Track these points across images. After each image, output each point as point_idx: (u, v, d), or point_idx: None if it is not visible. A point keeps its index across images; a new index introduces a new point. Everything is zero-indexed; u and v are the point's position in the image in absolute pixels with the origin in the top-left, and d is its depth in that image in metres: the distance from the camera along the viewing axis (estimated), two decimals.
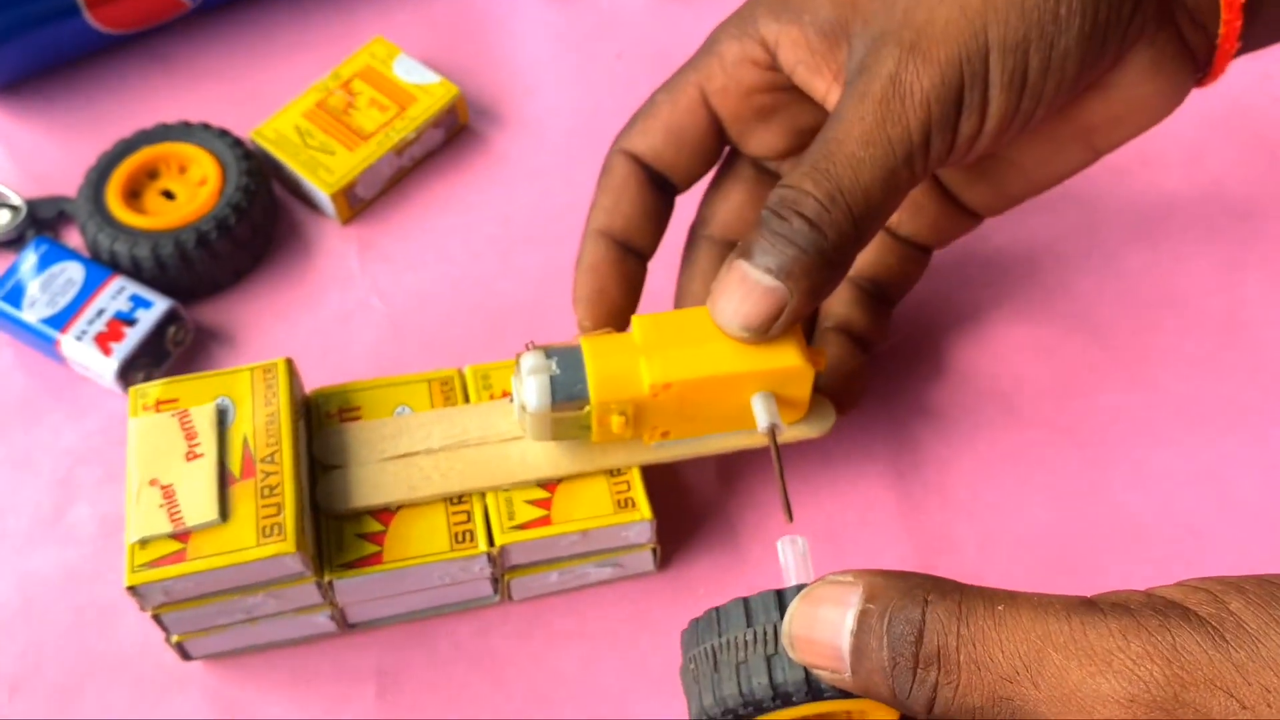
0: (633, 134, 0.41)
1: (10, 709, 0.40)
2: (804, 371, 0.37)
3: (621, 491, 0.40)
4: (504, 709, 0.40)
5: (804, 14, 0.37)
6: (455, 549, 0.39)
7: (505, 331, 0.48)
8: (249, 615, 0.39)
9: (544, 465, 0.40)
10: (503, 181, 0.53)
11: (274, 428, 0.39)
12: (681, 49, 0.57)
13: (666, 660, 0.41)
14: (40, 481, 0.45)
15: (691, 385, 0.37)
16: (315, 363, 0.48)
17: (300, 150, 0.51)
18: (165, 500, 0.37)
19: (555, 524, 0.39)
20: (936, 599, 0.26)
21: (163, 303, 0.46)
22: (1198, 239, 0.49)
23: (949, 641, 0.26)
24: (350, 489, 0.39)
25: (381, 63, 0.54)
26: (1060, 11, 0.33)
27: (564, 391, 0.37)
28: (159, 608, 0.37)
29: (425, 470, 0.40)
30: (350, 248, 0.51)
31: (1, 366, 0.48)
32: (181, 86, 0.56)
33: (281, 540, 0.36)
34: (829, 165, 0.34)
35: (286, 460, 0.38)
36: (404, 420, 0.41)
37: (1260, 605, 0.24)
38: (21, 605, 0.42)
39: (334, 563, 0.38)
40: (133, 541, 0.36)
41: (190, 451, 0.38)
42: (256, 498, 0.37)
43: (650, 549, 0.41)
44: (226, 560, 0.36)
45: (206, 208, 0.48)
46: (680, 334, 0.37)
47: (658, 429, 0.39)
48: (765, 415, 0.37)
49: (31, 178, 0.53)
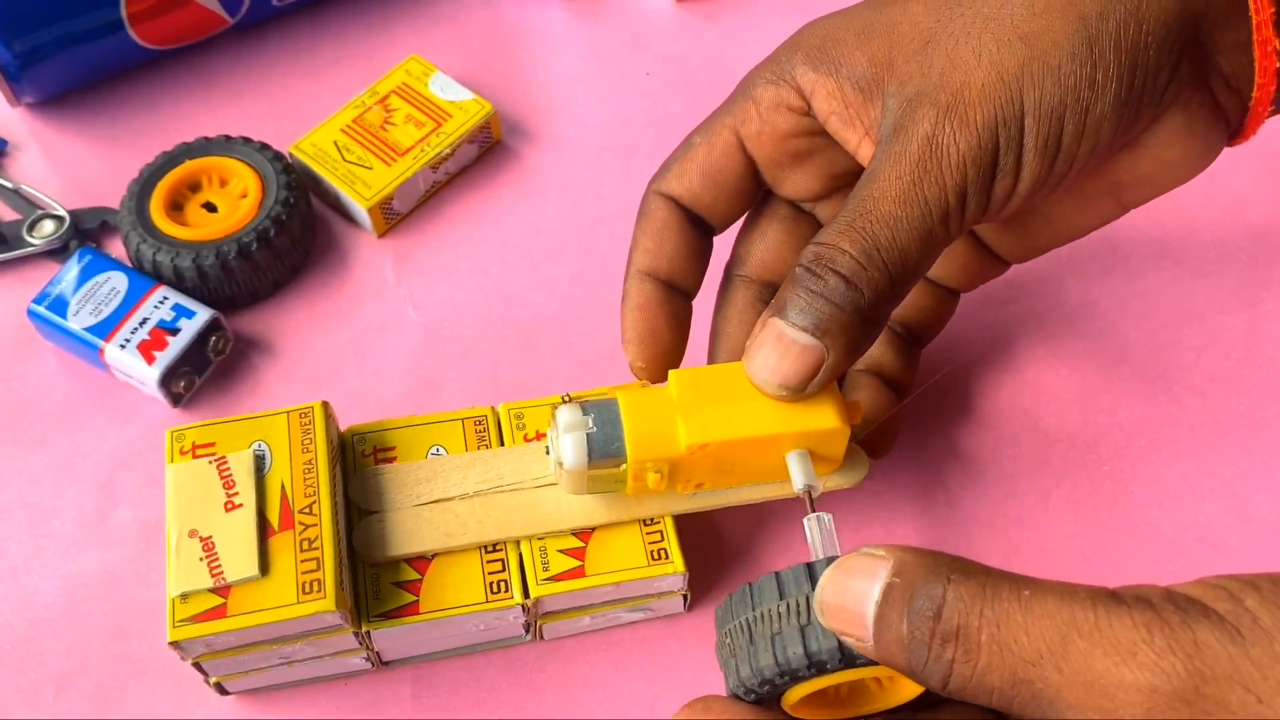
0: (669, 176, 0.41)
1: (55, 708, 0.41)
2: (842, 432, 0.37)
3: (655, 542, 0.40)
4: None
5: (841, 66, 0.37)
6: (491, 600, 0.39)
7: (538, 342, 0.49)
8: (287, 660, 0.39)
9: (578, 514, 0.40)
10: (534, 196, 0.54)
11: (311, 476, 0.39)
12: (709, 67, 0.58)
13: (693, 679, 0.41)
14: (84, 485, 0.46)
15: (729, 445, 0.37)
16: (353, 372, 0.49)
17: (338, 165, 0.52)
18: (205, 553, 0.37)
19: (589, 575, 0.39)
20: (960, 579, 0.27)
21: (205, 312, 0.48)
22: (1218, 257, 0.50)
23: (970, 621, 0.26)
24: (387, 536, 0.39)
25: (417, 80, 0.55)
26: (1096, 78, 0.33)
27: (601, 450, 0.37)
28: (199, 657, 0.38)
29: (461, 517, 0.40)
30: (386, 260, 0.52)
31: (46, 373, 0.49)
32: (222, 101, 0.58)
33: (321, 598, 0.36)
34: (865, 223, 0.34)
35: (325, 511, 0.38)
36: (438, 463, 0.41)
37: (1275, 603, 0.25)
38: (66, 607, 0.44)
39: (371, 613, 0.39)
40: (174, 595, 0.37)
41: (229, 501, 0.38)
42: (295, 551, 0.37)
43: (681, 595, 0.41)
44: (267, 618, 0.36)
45: (247, 220, 0.50)
46: (717, 391, 0.37)
47: (692, 481, 0.39)
48: (801, 476, 0.37)
49: (75, 189, 0.55)
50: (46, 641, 0.43)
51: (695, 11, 0.60)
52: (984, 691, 0.27)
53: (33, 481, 0.47)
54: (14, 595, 0.44)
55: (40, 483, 0.46)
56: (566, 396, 0.38)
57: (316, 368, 0.49)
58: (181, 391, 0.47)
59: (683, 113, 0.57)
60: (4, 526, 0.45)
